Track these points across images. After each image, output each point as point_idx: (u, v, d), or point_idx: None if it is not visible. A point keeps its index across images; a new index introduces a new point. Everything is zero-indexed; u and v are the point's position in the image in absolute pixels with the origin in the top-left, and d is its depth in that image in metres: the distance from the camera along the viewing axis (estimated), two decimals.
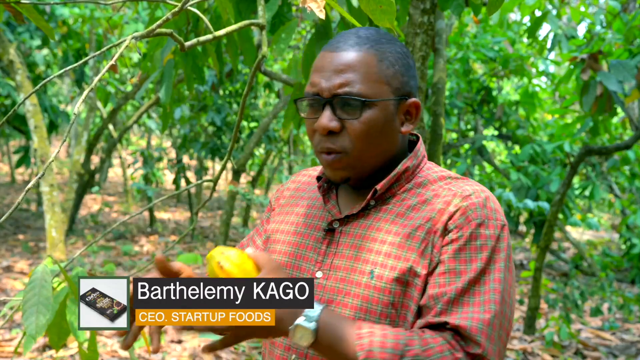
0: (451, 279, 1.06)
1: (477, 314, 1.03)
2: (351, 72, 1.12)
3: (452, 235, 1.08)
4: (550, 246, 6.64)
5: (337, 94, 1.12)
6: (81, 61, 1.22)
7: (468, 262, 1.06)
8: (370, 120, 1.12)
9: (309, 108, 1.17)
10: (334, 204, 1.22)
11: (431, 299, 1.06)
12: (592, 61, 4.12)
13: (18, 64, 5.90)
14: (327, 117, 1.12)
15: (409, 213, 1.14)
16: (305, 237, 1.21)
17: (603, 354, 4.73)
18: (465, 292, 1.04)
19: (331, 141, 1.13)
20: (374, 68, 1.12)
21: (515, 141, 7.04)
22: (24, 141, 13.61)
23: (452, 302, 1.04)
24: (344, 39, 1.15)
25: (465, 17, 6.43)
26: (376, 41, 1.14)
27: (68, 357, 4.10)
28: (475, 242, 1.07)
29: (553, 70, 9.56)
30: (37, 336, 1.29)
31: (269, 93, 9.32)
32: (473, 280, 1.05)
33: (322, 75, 1.14)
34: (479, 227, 1.08)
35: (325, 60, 1.14)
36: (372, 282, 1.10)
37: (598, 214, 13.37)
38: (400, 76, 1.15)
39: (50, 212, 5.53)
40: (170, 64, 2.48)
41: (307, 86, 1.17)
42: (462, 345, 1.02)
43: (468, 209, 1.09)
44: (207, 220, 11.27)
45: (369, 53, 1.13)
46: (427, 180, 1.18)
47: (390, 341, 1.00)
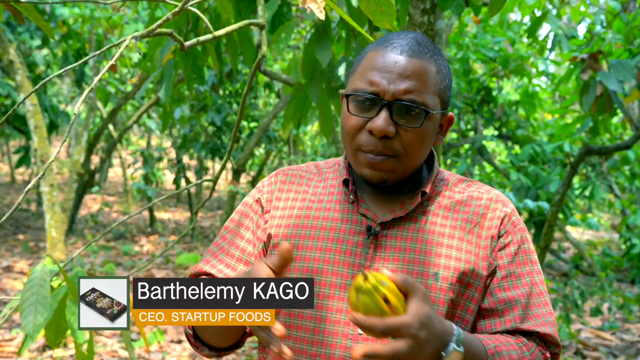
0: (514, 282, 1.16)
1: (548, 316, 1.16)
2: (416, 80, 1.11)
3: (504, 240, 1.17)
4: (550, 246, 6.64)
5: (400, 99, 1.10)
6: (81, 61, 1.22)
7: (523, 265, 1.17)
8: (426, 132, 1.13)
9: (359, 105, 1.13)
10: (367, 207, 1.18)
11: (502, 302, 1.15)
12: (592, 61, 4.12)
13: (18, 64, 5.90)
14: (385, 120, 1.10)
15: (452, 215, 1.18)
16: (339, 241, 1.16)
17: (603, 354, 4.73)
18: (531, 295, 1.16)
19: (383, 144, 1.12)
20: (434, 80, 1.13)
21: (515, 141, 7.04)
22: (24, 141, 13.61)
23: (527, 306, 1.15)
24: (406, 42, 1.13)
25: (465, 17, 6.43)
26: (434, 52, 1.15)
27: (68, 357, 4.10)
28: (524, 245, 1.18)
29: (553, 70, 9.56)
30: (34, 335, 1.29)
31: (269, 93, 9.32)
32: (533, 282, 1.17)
33: (385, 76, 1.11)
34: (524, 231, 1.20)
35: (389, 61, 1.12)
36: (437, 284, 1.13)
37: (598, 214, 13.37)
38: (447, 90, 1.17)
39: (50, 212, 5.53)
40: (170, 64, 2.48)
41: (360, 82, 1.13)
42: (547, 348, 1.16)
43: (512, 215, 1.19)
44: (207, 220, 11.26)
45: (431, 63, 1.13)
46: (449, 182, 1.23)
47: (515, 354, 1.09)
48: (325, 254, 1.16)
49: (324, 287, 1.14)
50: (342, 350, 1.12)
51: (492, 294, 1.15)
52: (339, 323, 1.13)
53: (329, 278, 1.15)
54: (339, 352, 1.12)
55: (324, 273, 1.15)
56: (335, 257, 1.15)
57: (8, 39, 6.50)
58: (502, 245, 1.17)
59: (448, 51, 6.51)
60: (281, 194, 1.25)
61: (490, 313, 1.15)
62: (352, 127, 1.14)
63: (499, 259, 1.16)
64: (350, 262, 1.15)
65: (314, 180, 1.26)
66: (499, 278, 1.15)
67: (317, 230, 1.18)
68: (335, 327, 1.13)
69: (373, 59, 1.13)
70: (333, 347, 1.12)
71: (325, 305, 1.14)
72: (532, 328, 1.13)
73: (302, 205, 1.22)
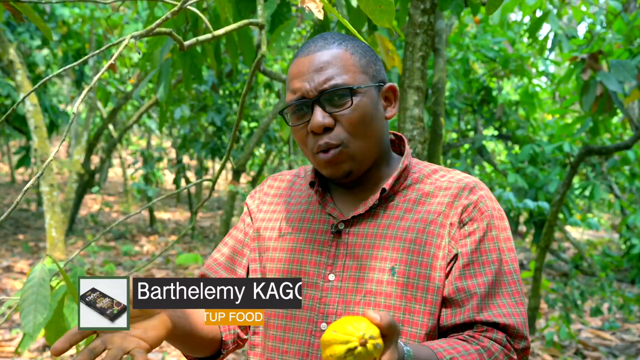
0: (476, 270, 1.12)
1: (514, 307, 1.11)
2: (330, 67, 1.15)
3: (469, 228, 1.14)
4: (550, 246, 6.64)
5: (324, 89, 1.14)
6: (80, 60, 1.22)
7: (488, 252, 1.14)
8: (361, 107, 1.14)
9: (295, 115, 1.18)
10: (333, 207, 1.21)
11: (461, 291, 1.11)
12: (592, 61, 4.11)
13: (18, 64, 5.90)
14: (319, 115, 1.14)
15: (416, 207, 1.18)
16: (307, 241, 1.20)
17: (603, 354, 4.73)
18: (495, 284, 1.12)
19: (327, 137, 1.14)
20: (349, 60, 1.16)
21: (515, 141, 7.04)
22: (24, 141, 13.61)
23: (487, 296, 1.11)
24: (313, 43, 1.19)
25: (465, 17, 6.42)
26: (342, 38, 1.19)
27: (68, 357, 4.10)
28: (491, 232, 1.15)
29: (553, 70, 9.56)
30: (34, 335, 1.29)
31: (269, 93, 9.32)
32: (498, 271, 1.13)
33: (302, 78, 1.16)
34: (492, 218, 1.16)
35: (301, 65, 1.17)
36: (394, 279, 1.12)
37: (598, 214, 13.37)
38: (373, 65, 1.19)
39: (50, 212, 5.52)
40: (168, 63, 2.48)
41: (288, 95, 1.18)
42: (511, 344, 1.11)
43: (479, 202, 1.16)
44: (207, 220, 11.27)
45: (340, 48, 1.17)
46: (422, 175, 1.23)
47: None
48: (294, 255, 1.20)
49: None
50: (305, 346, 1.16)
51: (452, 282, 1.13)
52: (304, 320, 1.17)
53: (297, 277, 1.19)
54: (303, 347, 1.16)
55: (293, 272, 1.19)
56: (304, 256, 1.20)
57: (8, 39, 6.50)
58: (466, 232, 1.14)
59: (448, 51, 6.50)
60: (266, 197, 1.32)
61: (450, 303, 1.13)
62: (300, 137, 1.18)
63: (462, 247, 1.14)
64: (317, 261, 1.18)
65: (298, 183, 1.32)
66: (460, 266, 1.13)
67: (290, 232, 1.23)
68: (300, 324, 1.17)
69: (291, 71, 1.19)
70: (298, 343, 1.17)
71: None
72: (490, 319, 1.10)
73: (283, 209, 1.28)
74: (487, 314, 1.10)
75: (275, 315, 1.19)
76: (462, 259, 1.13)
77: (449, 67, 6.52)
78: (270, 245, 1.24)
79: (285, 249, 1.22)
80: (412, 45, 2.39)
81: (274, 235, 1.25)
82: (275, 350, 1.18)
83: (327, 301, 1.15)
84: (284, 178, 1.34)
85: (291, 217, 1.25)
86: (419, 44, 2.38)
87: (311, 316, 1.16)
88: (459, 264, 1.13)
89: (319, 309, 1.15)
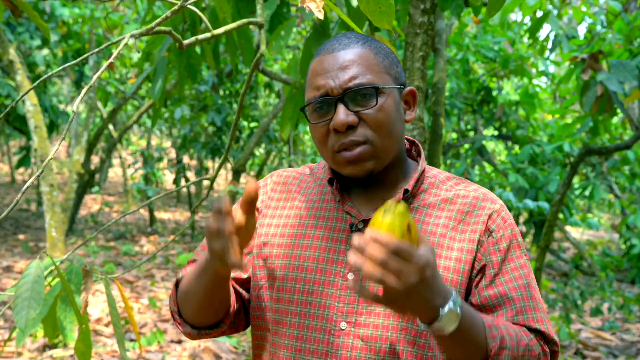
0: (506, 277, 1.15)
1: (542, 313, 1.15)
2: (355, 66, 1.14)
3: (496, 236, 1.17)
4: (550, 246, 6.64)
5: (348, 87, 1.13)
6: (79, 59, 1.22)
7: (516, 259, 1.17)
8: (386, 108, 1.14)
9: (317, 112, 1.16)
10: (352, 205, 1.20)
11: (494, 298, 1.13)
12: (593, 61, 4.11)
13: (18, 64, 5.90)
14: (343, 113, 1.13)
15: (436, 212, 1.18)
16: (324, 239, 1.19)
17: (603, 354, 4.72)
18: (527, 288, 1.15)
19: (352, 136, 1.13)
20: (373, 60, 1.16)
21: (515, 141, 7.03)
22: (24, 141, 13.61)
23: (522, 300, 1.13)
24: (337, 41, 1.18)
25: (465, 17, 6.42)
26: (365, 38, 1.20)
27: (68, 357, 4.09)
28: (516, 240, 1.18)
29: (553, 70, 9.56)
30: (27, 330, 1.29)
31: (269, 93, 9.33)
32: (527, 276, 1.16)
33: (326, 76, 1.15)
34: (514, 226, 1.20)
35: (326, 63, 1.16)
36: None
37: (598, 214, 13.37)
38: (395, 67, 1.20)
39: (50, 212, 5.52)
40: (164, 61, 2.47)
41: (310, 92, 1.17)
42: (546, 346, 1.14)
43: (501, 211, 1.19)
44: (206, 221, 11.26)
45: (364, 48, 1.17)
46: (437, 180, 1.23)
47: (512, 331, 1.08)
48: (310, 252, 1.19)
49: (308, 284, 1.17)
50: (324, 345, 1.14)
51: (483, 289, 1.14)
52: (322, 319, 1.15)
53: (313, 275, 1.17)
54: (321, 347, 1.14)
55: (309, 270, 1.17)
56: (320, 254, 1.18)
57: (8, 39, 6.50)
58: (494, 240, 1.16)
59: (448, 51, 6.50)
60: (274, 193, 1.29)
61: (482, 309, 1.14)
62: (320, 135, 1.17)
63: (492, 255, 1.15)
64: (334, 259, 1.17)
65: (306, 181, 1.30)
66: (491, 274, 1.14)
67: (304, 229, 1.22)
68: (318, 322, 1.15)
69: (313, 68, 1.18)
70: (316, 342, 1.15)
71: (309, 301, 1.16)
72: (524, 323, 1.13)
73: (292, 205, 1.26)
74: (521, 318, 1.13)
75: (288, 313, 1.17)
76: (493, 267, 1.15)
77: (449, 67, 6.52)
78: (283, 242, 1.22)
79: (300, 246, 1.20)
80: (412, 45, 2.39)
81: (286, 232, 1.23)
82: (288, 348, 1.17)
83: (347, 300, 1.14)
84: (290, 174, 1.32)
85: (304, 214, 1.24)
86: (419, 44, 2.38)
87: (330, 315, 1.14)
88: (490, 273, 1.14)
89: (338, 308, 1.14)
